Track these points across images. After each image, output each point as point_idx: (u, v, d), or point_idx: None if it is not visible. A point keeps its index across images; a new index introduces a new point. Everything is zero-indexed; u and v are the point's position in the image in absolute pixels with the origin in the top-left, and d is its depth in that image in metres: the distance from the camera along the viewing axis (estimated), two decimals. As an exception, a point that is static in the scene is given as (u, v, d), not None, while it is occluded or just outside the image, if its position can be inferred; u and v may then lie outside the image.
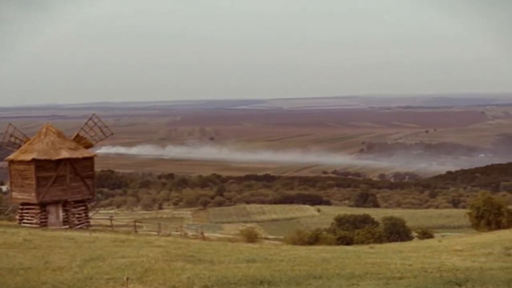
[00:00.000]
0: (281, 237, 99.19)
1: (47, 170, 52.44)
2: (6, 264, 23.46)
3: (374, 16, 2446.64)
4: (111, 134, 59.50)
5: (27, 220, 52.96)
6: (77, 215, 54.07)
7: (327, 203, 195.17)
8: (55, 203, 52.86)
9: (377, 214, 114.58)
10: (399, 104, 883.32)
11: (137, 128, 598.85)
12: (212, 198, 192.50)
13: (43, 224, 51.80)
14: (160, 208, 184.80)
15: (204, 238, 56.11)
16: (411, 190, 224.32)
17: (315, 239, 64.51)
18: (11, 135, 55.46)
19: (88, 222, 55.54)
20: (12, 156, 54.11)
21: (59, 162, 52.72)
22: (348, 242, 62.91)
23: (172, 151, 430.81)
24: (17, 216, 55.06)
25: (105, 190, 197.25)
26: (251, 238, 64.46)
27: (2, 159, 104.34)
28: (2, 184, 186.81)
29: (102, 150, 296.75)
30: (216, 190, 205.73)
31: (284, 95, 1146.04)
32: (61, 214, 53.07)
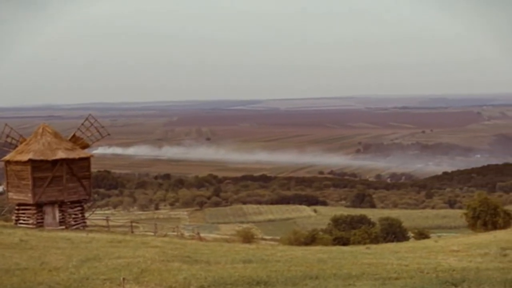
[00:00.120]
0: (277, 237, 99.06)
1: (43, 170, 52.43)
2: (3, 265, 23.45)
3: (374, 16, 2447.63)
4: (108, 134, 59.47)
5: (24, 220, 52.93)
6: (73, 216, 54.06)
7: (324, 203, 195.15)
8: (52, 203, 52.83)
9: (373, 214, 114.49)
10: (396, 105, 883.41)
11: (133, 128, 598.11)
12: (209, 198, 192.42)
13: (40, 225, 51.77)
14: (157, 208, 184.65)
15: (201, 239, 56.10)
16: (408, 191, 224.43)
17: (311, 240, 64.56)
18: (8, 136, 55.41)
19: (85, 223, 55.53)
20: (8, 156, 54.07)
21: (55, 162, 52.69)
22: (344, 242, 62.94)
23: (169, 152, 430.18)
24: (13, 217, 55.05)
25: (101, 190, 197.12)
26: (248, 238, 64.49)
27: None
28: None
29: (99, 151, 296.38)
30: (213, 190, 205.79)
31: (280, 96, 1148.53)
32: (57, 214, 53.04)
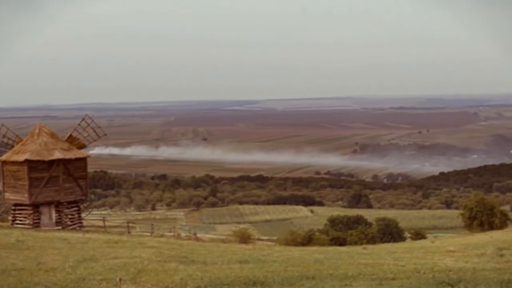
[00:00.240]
0: (274, 238, 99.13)
1: (40, 171, 52.35)
2: (-1, 265, 23.40)
3: (374, 16, 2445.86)
4: (104, 134, 59.40)
5: (20, 221, 52.86)
6: (70, 216, 54.00)
7: (320, 204, 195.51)
8: (48, 204, 52.76)
9: (370, 215, 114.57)
10: (392, 105, 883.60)
11: (130, 128, 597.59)
12: (205, 198, 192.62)
13: (36, 225, 51.71)
14: (153, 209, 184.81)
15: (197, 239, 56.13)
16: (404, 191, 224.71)
17: (308, 240, 64.53)
18: (4, 136, 55.31)
19: (81, 223, 55.46)
20: (4, 156, 53.99)
21: (52, 163, 52.63)
22: (341, 243, 62.93)
23: (165, 152, 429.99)
24: (10, 217, 54.96)
25: (98, 191, 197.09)
26: (244, 239, 64.47)
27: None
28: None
29: (95, 151, 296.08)
30: (209, 191, 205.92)
31: (277, 96, 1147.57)
32: (54, 215, 52.97)
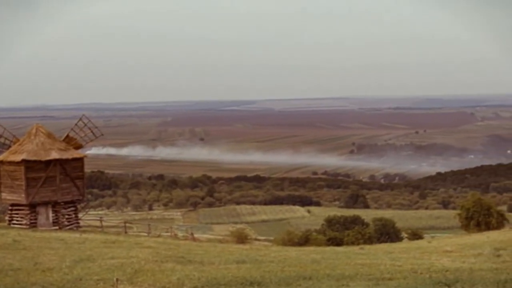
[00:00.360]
0: (271, 238, 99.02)
1: (37, 171, 52.32)
2: (-4, 265, 23.37)
3: (374, 16, 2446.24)
4: (101, 135, 59.40)
5: (17, 221, 52.83)
6: (67, 216, 53.98)
7: (317, 204, 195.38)
8: (45, 204, 52.74)
9: (367, 215, 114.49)
10: (389, 105, 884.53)
11: (127, 129, 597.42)
12: (202, 199, 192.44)
13: (33, 225, 51.68)
14: (150, 209, 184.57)
15: (194, 239, 56.08)
16: (401, 191, 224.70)
17: (305, 240, 64.57)
18: (1, 136, 55.29)
19: (78, 223, 55.45)
20: (1, 157, 53.96)
21: (49, 163, 52.60)
22: (338, 243, 62.93)
23: (162, 152, 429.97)
24: (6, 217, 54.93)
25: (95, 191, 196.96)
26: (241, 239, 64.52)
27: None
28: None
29: (92, 151, 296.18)
30: (206, 191, 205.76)
31: (274, 96, 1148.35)
32: (51, 215, 52.95)
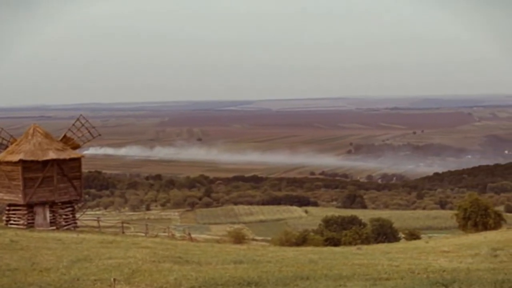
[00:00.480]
0: (268, 238, 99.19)
1: (34, 171, 52.24)
2: (-7, 265, 23.34)
3: (374, 16, 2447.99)
4: (99, 135, 59.25)
5: (14, 221, 52.75)
6: (64, 216, 53.90)
7: (315, 204, 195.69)
8: (42, 204, 52.65)
9: (364, 215, 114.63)
10: (387, 106, 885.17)
11: (124, 129, 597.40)
12: (200, 199, 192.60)
13: (30, 225, 51.61)
14: (148, 209, 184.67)
15: (192, 239, 56.08)
16: (399, 191, 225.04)
17: (302, 240, 64.60)
18: (-2, 136, 55.20)
19: (75, 223, 55.37)
20: (-1, 157, 53.85)
21: (46, 163, 52.52)
22: (335, 243, 63.00)
23: (160, 152, 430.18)
24: (4, 217, 54.80)
25: (92, 191, 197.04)
26: (239, 239, 64.53)
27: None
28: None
29: (90, 151, 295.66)
30: (204, 191, 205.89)
31: (272, 96, 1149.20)
32: (48, 215, 52.87)
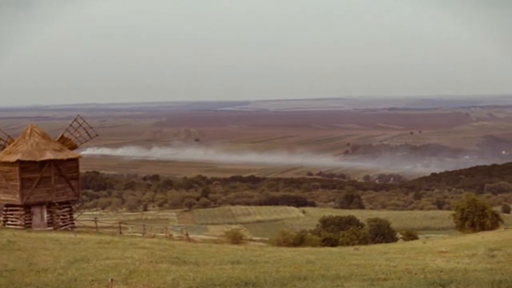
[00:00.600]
0: (266, 238, 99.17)
1: (31, 171, 52.20)
2: (-10, 266, 23.32)
3: (374, 16, 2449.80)
4: (96, 135, 59.19)
5: (12, 221, 52.71)
6: (61, 217, 53.87)
7: (312, 204, 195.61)
8: (40, 204, 52.62)
9: (362, 215, 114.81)
10: (384, 106, 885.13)
11: (122, 129, 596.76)
12: (197, 199, 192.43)
13: (28, 226, 51.56)
14: (145, 209, 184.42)
15: (189, 240, 56.02)
16: (396, 192, 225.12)
17: (300, 241, 64.61)
18: (-5, 136, 55.15)
19: (73, 224, 55.35)
20: (-4, 157, 53.80)
21: (43, 163, 52.48)
22: (333, 243, 63.03)
23: (157, 153, 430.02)
24: (1, 218, 54.76)
25: (90, 191, 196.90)
26: (236, 239, 64.53)
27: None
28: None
29: (87, 152, 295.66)
30: (201, 191, 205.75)
31: (269, 97, 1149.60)
32: (45, 215, 52.84)
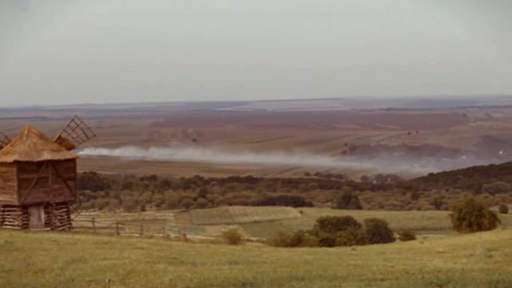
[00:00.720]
0: (263, 239, 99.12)
1: (29, 172, 52.16)
2: (-13, 267, 23.29)
3: (374, 16, 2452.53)
4: (94, 135, 59.17)
5: (9, 222, 52.65)
6: (59, 217, 53.83)
7: (310, 205, 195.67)
8: (37, 205, 52.58)
9: (359, 216, 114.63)
10: (382, 106, 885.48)
11: (119, 130, 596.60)
12: (195, 200, 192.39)
13: (25, 226, 51.52)
14: (143, 210, 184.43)
15: (187, 240, 55.98)
16: (394, 192, 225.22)
17: (297, 241, 64.53)
18: (-7, 137, 55.11)
19: (70, 224, 55.31)
20: (-7, 157, 53.74)
21: (41, 164, 52.45)
22: (330, 244, 62.96)
23: (155, 153, 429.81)
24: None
25: (87, 192, 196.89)
26: (234, 240, 64.43)
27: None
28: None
29: (85, 152, 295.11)
30: (199, 192, 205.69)
31: (267, 97, 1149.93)
32: (43, 216, 52.80)
